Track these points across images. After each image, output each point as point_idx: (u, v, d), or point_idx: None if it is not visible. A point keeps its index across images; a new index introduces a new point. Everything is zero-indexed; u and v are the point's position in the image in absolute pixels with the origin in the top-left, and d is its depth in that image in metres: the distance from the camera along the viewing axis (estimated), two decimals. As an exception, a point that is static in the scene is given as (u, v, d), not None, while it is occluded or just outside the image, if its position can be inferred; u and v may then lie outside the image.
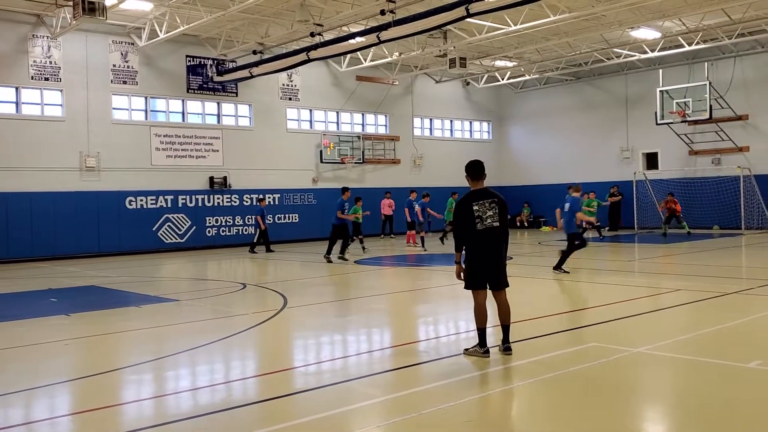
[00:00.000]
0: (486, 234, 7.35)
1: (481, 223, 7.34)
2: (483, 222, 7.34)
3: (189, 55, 25.73)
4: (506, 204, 7.56)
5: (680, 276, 15.00)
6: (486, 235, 7.35)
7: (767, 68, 27.39)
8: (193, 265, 20.21)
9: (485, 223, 7.34)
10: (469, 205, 7.38)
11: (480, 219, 7.34)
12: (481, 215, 7.34)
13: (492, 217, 7.36)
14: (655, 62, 29.54)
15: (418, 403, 5.98)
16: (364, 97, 30.88)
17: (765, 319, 9.53)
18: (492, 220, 7.36)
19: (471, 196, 7.45)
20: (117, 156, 23.91)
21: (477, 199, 7.41)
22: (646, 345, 7.86)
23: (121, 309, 11.94)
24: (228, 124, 27.00)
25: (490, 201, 7.40)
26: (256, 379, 7.23)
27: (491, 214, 7.36)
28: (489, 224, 7.35)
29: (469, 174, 7.61)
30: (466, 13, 17.60)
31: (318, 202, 28.88)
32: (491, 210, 7.37)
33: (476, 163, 7.66)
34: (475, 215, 7.35)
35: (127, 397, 6.71)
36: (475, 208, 7.36)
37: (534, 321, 9.45)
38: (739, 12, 22.83)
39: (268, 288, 13.91)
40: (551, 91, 34.41)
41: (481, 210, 7.35)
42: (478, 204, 7.37)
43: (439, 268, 16.33)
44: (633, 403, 6.02)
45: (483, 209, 7.36)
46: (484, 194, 7.46)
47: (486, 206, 7.37)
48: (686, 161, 29.59)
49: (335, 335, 9.40)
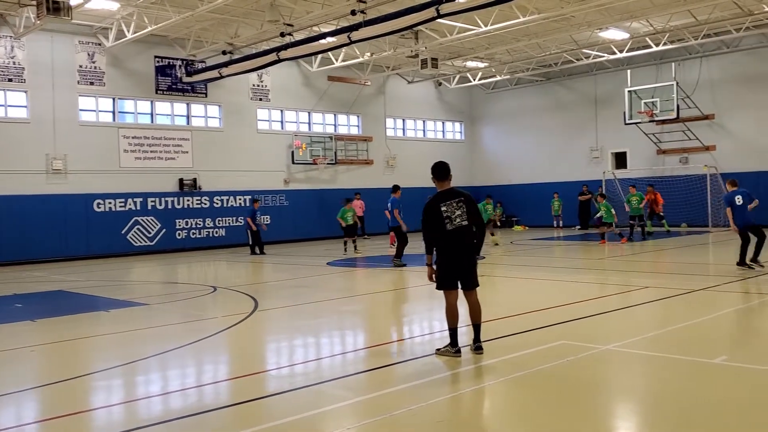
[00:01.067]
0: (456, 234, 7.37)
1: (450, 224, 7.36)
2: (452, 222, 7.37)
3: (157, 55, 25.47)
4: (474, 202, 7.59)
5: (649, 273, 15.19)
6: (456, 235, 7.37)
7: (733, 68, 27.88)
8: (163, 269, 20.01)
9: (455, 223, 7.37)
10: (437, 207, 7.41)
11: (449, 219, 7.37)
12: (450, 215, 7.38)
13: (461, 216, 7.39)
14: (624, 63, 29.90)
15: (390, 404, 5.97)
16: (335, 97, 30.82)
17: (730, 315, 9.69)
18: (461, 219, 7.38)
19: (438, 198, 7.48)
20: (84, 158, 23.59)
21: (444, 199, 7.44)
22: (615, 342, 7.94)
23: (89, 314, 11.78)
24: (198, 125, 26.77)
25: (458, 200, 7.43)
26: (228, 382, 7.17)
27: (459, 214, 7.39)
28: (458, 224, 7.37)
29: (434, 175, 7.64)
30: (437, 13, 17.66)
31: (290, 203, 28.76)
32: (459, 209, 7.40)
33: (441, 164, 7.68)
34: (444, 216, 7.37)
35: (95, 403, 6.62)
36: (444, 209, 7.38)
37: (504, 320, 9.50)
38: (704, 13, 23.20)
39: (238, 291, 13.81)
40: (522, 92, 34.67)
41: (450, 210, 7.38)
42: (446, 204, 7.40)
43: (413, 269, 16.35)
44: (602, 400, 6.08)
45: (451, 209, 7.39)
46: (451, 194, 7.48)
47: (454, 206, 7.40)
48: (654, 160, 30.01)
49: (307, 338, 9.36)
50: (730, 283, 12.35)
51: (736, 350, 7.53)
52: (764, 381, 6.42)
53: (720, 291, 11.66)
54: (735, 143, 27.73)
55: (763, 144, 27.00)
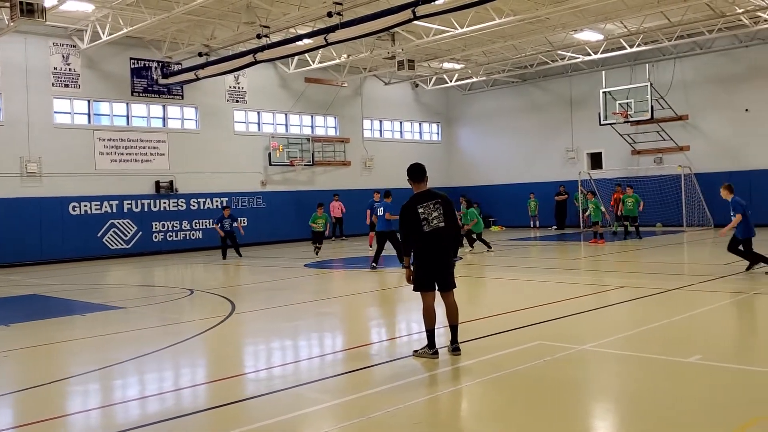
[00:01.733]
0: (433, 235, 7.38)
1: (427, 225, 7.37)
2: (429, 224, 7.37)
3: (133, 57, 25.27)
4: (451, 203, 7.59)
5: (624, 273, 15.36)
6: (433, 237, 7.38)
7: (706, 69, 28.26)
8: (140, 272, 19.85)
9: (432, 225, 7.37)
10: (414, 208, 7.42)
11: (426, 221, 7.37)
12: (427, 217, 7.38)
13: (438, 218, 7.39)
14: (598, 64, 30.19)
15: (368, 406, 5.99)
16: (312, 98, 30.78)
17: (705, 314, 9.83)
18: (438, 221, 7.39)
19: (415, 199, 7.48)
20: (59, 161, 23.33)
21: (421, 201, 7.44)
22: (591, 342, 8.02)
23: (65, 318, 11.67)
24: (174, 127, 26.60)
25: (435, 202, 7.44)
26: (205, 386, 7.14)
27: (437, 215, 7.39)
28: (435, 225, 7.38)
29: (410, 177, 7.64)
30: (413, 15, 17.72)
31: (267, 205, 28.67)
32: (436, 211, 7.40)
33: (416, 165, 7.68)
34: (421, 217, 7.37)
35: (71, 408, 6.56)
36: (420, 211, 7.39)
37: (481, 320, 9.55)
38: (677, 15, 23.50)
39: (216, 294, 13.75)
40: (498, 93, 34.86)
41: (427, 212, 7.39)
42: (422, 206, 7.41)
43: (389, 270, 16.37)
44: (579, 400, 6.15)
45: (428, 211, 7.39)
46: (428, 196, 7.48)
47: (431, 208, 7.41)
48: (629, 161, 30.32)
49: (285, 340, 9.35)
50: (704, 283, 12.52)
51: (710, 349, 7.65)
52: (737, 380, 6.53)
53: (695, 290, 11.82)
54: (708, 144, 28.11)
55: (735, 144, 27.41)
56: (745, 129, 27.15)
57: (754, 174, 26.81)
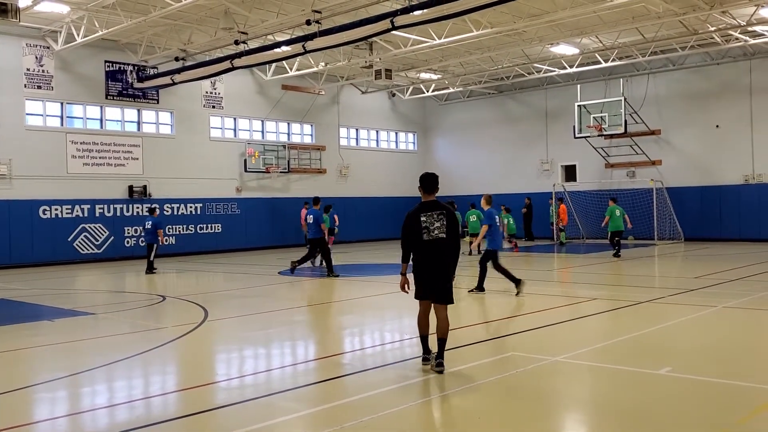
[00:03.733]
0: (432, 245, 7.42)
1: (428, 234, 7.42)
2: (430, 233, 7.42)
3: (108, 60, 25.03)
4: (455, 216, 7.63)
5: (597, 285, 15.48)
6: (432, 246, 7.42)
7: (678, 85, 28.70)
8: (111, 277, 19.61)
9: (432, 234, 7.42)
10: (417, 216, 7.48)
11: (427, 230, 7.42)
12: (429, 226, 7.43)
13: (439, 228, 7.42)
14: (574, 77, 30.50)
15: (341, 416, 5.97)
16: (289, 106, 30.72)
17: (675, 327, 9.94)
18: (439, 231, 7.42)
19: (420, 208, 7.55)
20: (30, 163, 23.00)
21: (426, 210, 7.50)
22: (563, 353, 8.07)
23: (33, 323, 11.48)
24: (149, 132, 26.36)
25: (438, 213, 7.47)
26: (177, 394, 7.06)
27: (438, 226, 7.43)
28: (436, 235, 7.41)
29: (422, 186, 7.68)
30: (391, 25, 17.78)
31: (242, 211, 28.51)
32: (439, 221, 7.44)
33: (430, 175, 7.74)
34: (423, 226, 7.43)
35: (39, 415, 6.45)
36: (423, 219, 7.44)
37: (456, 331, 9.56)
38: (651, 31, 23.86)
39: (188, 300, 13.62)
40: (474, 104, 35.08)
41: (429, 221, 7.43)
42: (426, 215, 7.46)
43: (365, 279, 16.35)
44: (550, 411, 6.17)
45: (431, 220, 7.43)
46: (433, 206, 7.53)
47: (434, 218, 7.44)
48: (603, 174, 30.64)
49: (258, 348, 9.28)
50: (675, 295, 12.67)
51: (680, 361, 7.73)
52: (706, 391, 6.61)
53: (665, 303, 11.95)
54: (680, 158, 28.52)
55: (706, 159, 27.84)
56: (715, 145, 27.61)
57: (724, 189, 27.26)
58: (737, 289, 13.54)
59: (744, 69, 26.97)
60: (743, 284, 14.26)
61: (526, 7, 20.36)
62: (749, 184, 26.67)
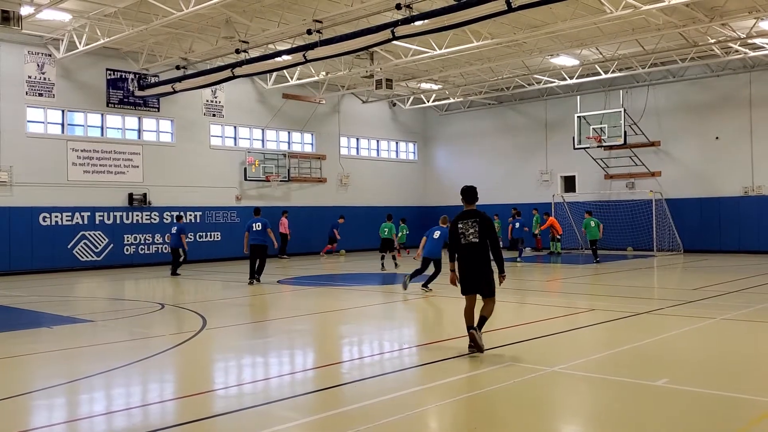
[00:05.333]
0: (467, 248, 8.71)
1: (464, 239, 8.74)
2: (465, 238, 8.73)
3: (109, 68, 25.12)
4: (489, 221, 8.80)
5: (595, 296, 15.48)
6: (466, 249, 8.72)
7: (678, 97, 28.78)
8: (110, 284, 19.60)
9: (467, 239, 8.72)
10: (456, 224, 8.85)
11: (463, 235, 8.75)
12: (464, 232, 8.74)
13: (473, 234, 8.69)
14: (574, 89, 30.59)
15: (338, 425, 5.97)
16: (290, 114, 30.79)
17: (674, 338, 9.94)
18: (473, 236, 8.69)
19: (459, 216, 8.89)
20: (31, 170, 23.05)
21: (463, 218, 8.83)
22: (561, 364, 8.07)
23: (32, 330, 11.48)
24: (149, 140, 26.42)
25: (473, 220, 8.75)
26: (174, 402, 7.06)
27: (473, 232, 8.70)
28: (470, 240, 8.70)
29: (463, 197, 8.98)
30: (392, 35, 17.85)
31: (242, 220, 28.47)
32: (473, 228, 8.71)
33: (469, 188, 9.02)
34: (459, 232, 8.76)
35: (36, 422, 6.44)
36: (460, 226, 8.78)
37: (451, 341, 9.57)
38: (651, 43, 23.94)
39: (186, 308, 13.62)
40: (474, 115, 35.16)
41: (464, 228, 8.75)
42: (462, 223, 8.79)
43: (364, 288, 16.36)
44: (548, 422, 6.17)
45: (466, 227, 8.74)
46: (470, 215, 8.82)
47: (469, 224, 8.74)
48: (602, 185, 30.69)
49: (256, 357, 9.28)
50: (674, 307, 12.67)
51: (677, 373, 7.73)
52: (703, 403, 6.61)
53: (664, 314, 11.96)
54: (679, 170, 28.56)
55: (705, 171, 27.89)
56: (715, 156, 27.66)
57: (723, 201, 27.29)
58: (736, 301, 13.54)
59: (744, 81, 27.05)
60: (742, 296, 14.26)
61: (526, 19, 20.44)
62: (749, 196, 26.71)
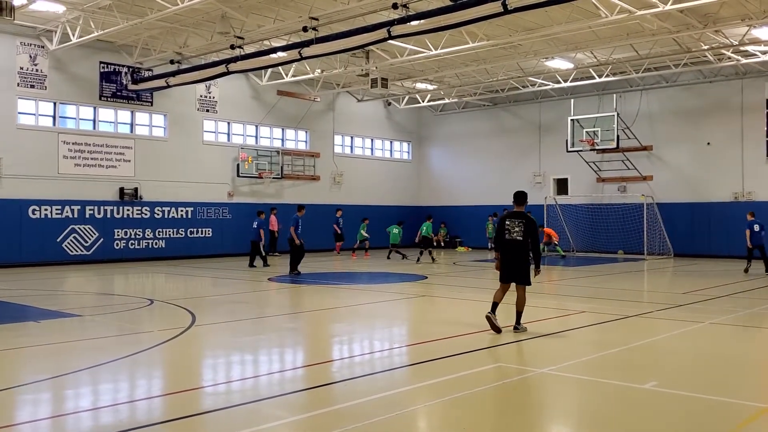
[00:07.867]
0: (510, 243, 10.15)
1: (508, 234, 10.18)
2: (510, 234, 10.17)
3: (103, 61, 24.99)
4: (534, 223, 10.17)
5: (585, 298, 15.49)
6: (509, 244, 10.15)
7: (670, 102, 28.88)
8: (99, 279, 19.51)
9: (511, 236, 10.15)
10: (503, 220, 10.30)
11: (509, 231, 10.18)
12: (510, 229, 10.18)
13: (518, 232, 10.10)
14: (567, 92, 30.66)
15: (326, 424, 5.94)
16: (284, 111, 30.72)
17: (662, 341, 9.97)
18: (517, 234, 10.10)
19: (508, 215, 10.31)
20: (21, 162, 22.91)
21: (511, 217, 10.23)
22: (550, 366, 8.07)
23: (18, 324, 11.40)
24: (141, 134, 26.31)
25: (519, 220, 10.16)
26: (162, 398, 7.02)
27: (518, 230, 10.10)
28: (513, 237, 10.12)
29: (514, 199, 10.39)
30: (388, 35, 17.81)
31: (233, 216, 28.44)
32: (518, 227, 10.11)
33: (520, 193, 10.45)
34: (506, 228, 10.18)
35: (21, 417, 6.38)
36: (507, 223, 10.20)
37: (441, 341, 9.56)
38: (645, 48, 24.01)
39: (176, 304, 13.56)
40: (469, 115, 35.19)
41: (511, 225, 10.18)
42: (510, 221, 10.20)
43: (356, 287, 16.32)
44: (537, 423, 6.16)
45: (512, 225, 10.17)
46: (518, 215, 10.23)
47: (515, 223, 10.16)
48: (594, 188, 30.76)
49: (245, 354, 9.24)
50: (663, 310, 12.70)
51: (666, 376, 7.74)
52: (690, 407, 6.62)
53: (653, 317, 11.99)
54: (671, 174, 28.67)
55: (696, 176, 28.00)
56: (706, 162, 27.77)
57: (714, 206, 27.40)
58: (725, 305, 13.60)
59: (736, 88, 27.16)
60: (731, 300, 14.31)
61: (522, 21, 20.46)
62: (739, 201, 26.81)
